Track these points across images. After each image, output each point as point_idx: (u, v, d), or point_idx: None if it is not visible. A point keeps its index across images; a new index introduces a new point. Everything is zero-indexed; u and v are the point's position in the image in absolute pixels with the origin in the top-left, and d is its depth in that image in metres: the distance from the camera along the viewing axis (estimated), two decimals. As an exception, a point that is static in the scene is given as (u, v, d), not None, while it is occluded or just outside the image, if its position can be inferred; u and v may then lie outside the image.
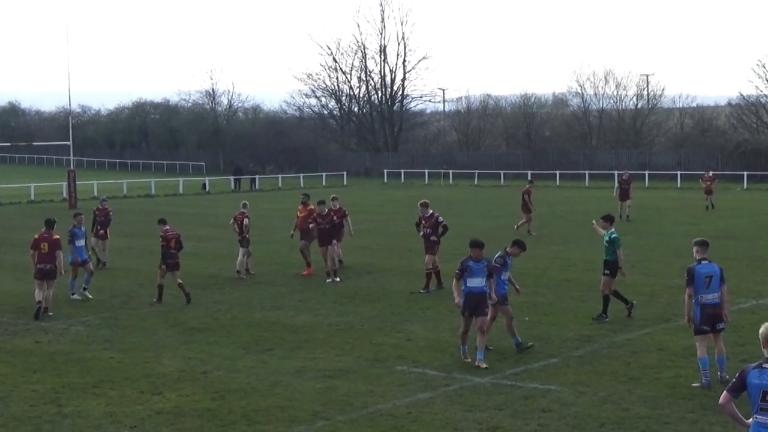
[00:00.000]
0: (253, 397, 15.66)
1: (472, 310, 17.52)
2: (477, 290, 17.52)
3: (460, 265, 17.67)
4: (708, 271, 16.02)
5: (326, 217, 28.42)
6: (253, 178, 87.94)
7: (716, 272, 16.06)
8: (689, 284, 16.05)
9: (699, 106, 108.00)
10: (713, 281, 15.99)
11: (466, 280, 17.54)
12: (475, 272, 17.51)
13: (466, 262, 17.61)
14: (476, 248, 17.61)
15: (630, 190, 47.65)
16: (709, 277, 15.99)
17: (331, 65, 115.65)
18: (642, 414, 14.42)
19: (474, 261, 17.57)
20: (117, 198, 71.12)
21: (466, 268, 17.54)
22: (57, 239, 23.49)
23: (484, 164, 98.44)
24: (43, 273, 23.20)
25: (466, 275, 17.55)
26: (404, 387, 16.23)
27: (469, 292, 17.52)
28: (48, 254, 23.21)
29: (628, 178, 48.49)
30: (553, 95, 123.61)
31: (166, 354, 18.95)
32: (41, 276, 23.21)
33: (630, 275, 28.22)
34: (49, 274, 23.22)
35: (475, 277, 17.51)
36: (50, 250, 23.21)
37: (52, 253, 23.20)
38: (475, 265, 17.55)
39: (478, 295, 17.53)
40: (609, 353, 18.44)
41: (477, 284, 17.51)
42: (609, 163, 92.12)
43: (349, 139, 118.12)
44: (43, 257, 23.25)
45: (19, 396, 16.01)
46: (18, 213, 58.54)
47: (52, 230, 23.63)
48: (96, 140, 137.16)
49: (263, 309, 23.75)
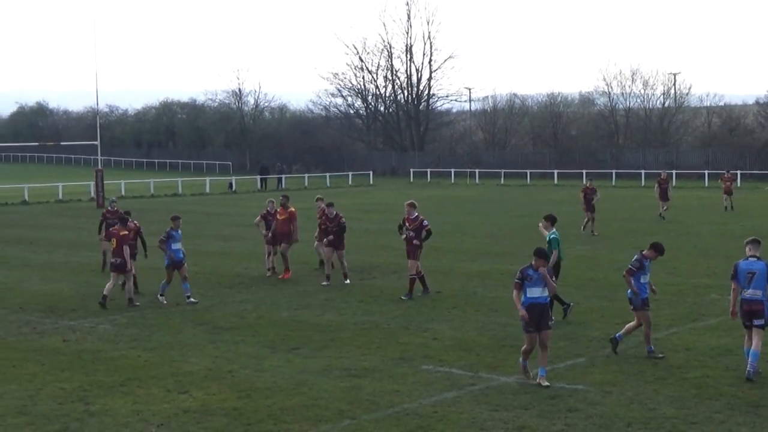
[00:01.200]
0: (279, 396, 15.70)
1: (536, 324, 16.16)
2: (539, 300, 16.21)
3: (520, 273, 16.32)
4: (751, 267, 16.34)
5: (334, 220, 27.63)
6: (280, 177, 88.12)
7: (760, 269, 16.26)
8: (732, 279, 16.57)
9: (726, 105, 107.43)
10: (756, 278, 16.23)
11: (526, 290, 16.20)
12: (535, 281, 16.17)
13: (526, 270, 16.28)
14: (540, 259, 16.22)
15: (669, 190, 47.13)
16: (752, 273, 16.27)
17: (358, 65, 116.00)
18: (669, 414, 14.36)
19: (534, 270, 16.21)
20: (144, 197, 71.50)
21: (526, 277, 16.19)
22: (125, 235, 24.81)
23: (511, 164, 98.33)
24: (114, 266, 24.72)
25: (527, 284, 16.20)
26: (430, 386, 16.22)
27: (529, 303, 16.17)
28: (117, 249, 24.57)
29: (666, 178, 47.92)
30: (580, 94, 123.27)
31: (192, 353, 19.02)
32: (113, 269, 24.77)
33: (656, 274, 28.10)
34: (120, 267, 24.54)
35: (536, 287, 16.17)
36: (119, 245, 24.54)
37: (121, 248, 24.48)
38: (535, 273, 16.19)
39: (540, 306, 16.23)
40: (635, 353, 18.36)
41: (538, 294, 16.21)
42: (636, 162, 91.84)
43: (375, 139, 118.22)
44: (113, 252, 24.77)
45: (48, 394, 16.11)
46: (46, 212, 58.90)
47: (124, 226, 25.14)
48: (123, 140, 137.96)
49: (289, 308, 23.79)
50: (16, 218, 53.56)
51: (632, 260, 18.14)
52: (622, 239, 37.91)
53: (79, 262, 33.24)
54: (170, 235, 24.88)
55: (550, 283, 16.18)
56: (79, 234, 44.00)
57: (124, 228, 25.10)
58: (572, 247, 35.29)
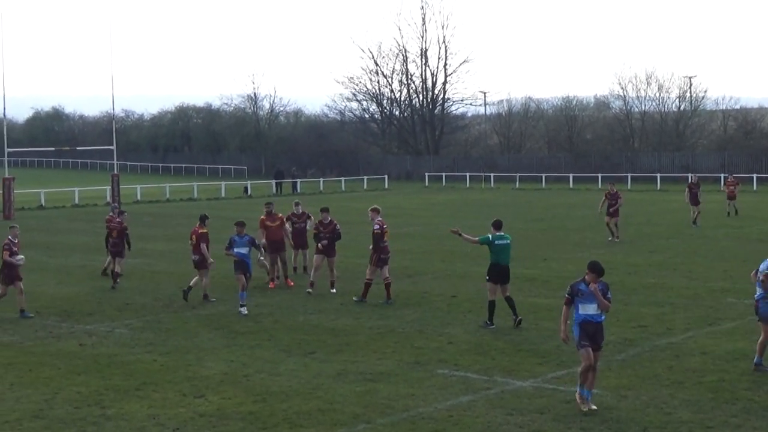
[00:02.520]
0: (294, 400, 15.72)
1: (592, 341, 14.98)
2: (594, 318, 15.00)
3: (570, 288, 15.16)
4: None
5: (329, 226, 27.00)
6: (295, 181, 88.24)
7: None
8: None
9: (743, 108, 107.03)
10: None
11: (579, 306, 15.04)
12: (588, 297, 15.00)
13: (577, 285, 15.14)
14: (592, 273, 15.01)
15: (699, 194, 45.16)
16: None
17: (373, 69, 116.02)
18: (685, 418, 14.32)
19: (586, 284, 15.04)
20: (160, 202, 71.70)
21: (578, 292, 15.04)
22: (203, 233, 25.95)
23: (526, 167, 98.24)
24: (194, 263, 26.12)
25: (578, 300, 15.03)
26: (445, 390, 16.22)
27: (584, 320, 15.00)
28: (196, 246, 25.83)
29: (697, 182, 46.10)
30: (595, 98, 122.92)
31: (208, 357, 19.05)
32: (194, 265, 26.16)
33: (673, 278, 28.11)
34: (199, 264, 25.82)
35: (590, 302, 14.98)
36: (197, 243, 25.77)
37: (199, 245, 25.68)
38: (587, 289, 15.01)
39: (595, 324, 15.01)
40: (651, 357, 18.33)
41: (592, 311, 15.00)
42: (651, 165, 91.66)
43: (390, 143, 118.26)
44: (193, 249, 26.11)
45: (64, 398, 16.17)
46: (62, 217, 59.09)
47: (203, 224, 26.25)
48: (139, 144, 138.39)
49: (305, 312, 23.82)
50: (33, 223, 53.71)
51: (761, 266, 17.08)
52: (638, 243, 37.82)
53: (95, 267, 33.31)
54: (233, 241, 24.48)
55: (602, 301, 14.92)
56: (96, 238, 44.04)
57: (203, 226, 26.07)
58: (588, 250, 35.26)
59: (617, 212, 39.03)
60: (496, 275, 21.53)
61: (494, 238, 21.69)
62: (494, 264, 21.61)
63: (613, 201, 38.97)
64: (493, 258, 21.66)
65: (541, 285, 27.42)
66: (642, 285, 26.95)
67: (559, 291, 26.02)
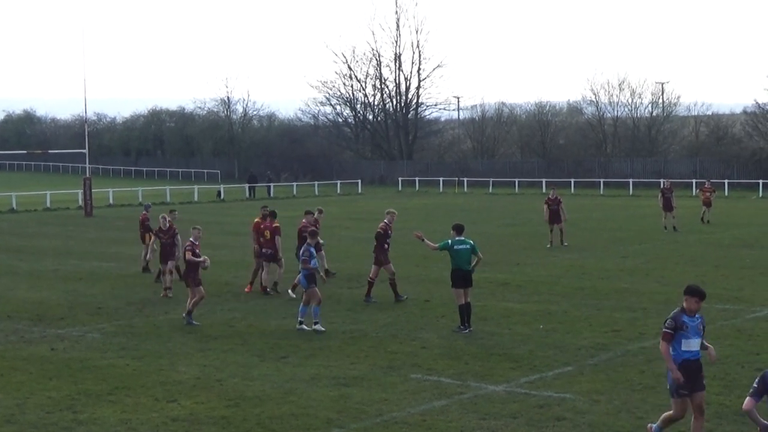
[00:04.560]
0: (267, 405, 15.69)
1: (690, 384, 12.70)
2: (696, 356, 12.77)
3: (672, 321, 12.74)
4: None
5: (168, 232, 27.19)
6: (269, 186, 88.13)
7: None
8: None
9: (714, 114, 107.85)
10: None
11: (681, 341, 12.69)
12: (691, 331, 12.70)
13: (680, 316, 12.76)
14: (694, 297, 12.79)
15: (672, 199, 44.76)
16: None
17: (346, 73, 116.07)
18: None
19: (689, 316, 12.78)
20: (133, 206, 71.37)
21: (681, 326, 12.69)
22: (277, 227, 27.14)
23: (499, 172, 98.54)
24: (266, 257, 26.98)
25: (681, 335, 12.69)
26: (418, 395, 16.23)
27: (684, 360, 12.69)
28: (269, 240, 26.83)
29: (670, 187, 45.65)
30: (568, 103, 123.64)
31: (181, 361, 19.00)
32: (265, 259, 27.03)
33: (645, 283, 28.25)
34: (272, 257, 26.86)
35: (692, 338, 12.73)
36: (272, 237, 26.83)
37: (273, 239, 26.74)
38: (691, 321, 12.74)
39: (696, 362, 12.78)
40: (623, 362, 18.41)
41: (696, 347, 12.78)
42: (624, 171, 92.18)
43: (364, 147, 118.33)
44: (265, 243, 26.98)
45: (35, 403, 16.07)
46: (34, 220, 58.77)
47: (274, 219, 27.28)
48: (111, 148, 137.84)
49: (278, 317, 23.78)
50: (4, 226, 53.43)
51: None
52: (610, 248, 37.99)
53: (67, 271, 33.19)
54: (311, 253, 22.31)
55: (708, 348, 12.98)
56: (67, 242, 43.93)
57: (275, 221, 27.08)
58: (561, 255, 35.39)
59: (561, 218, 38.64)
60: (458, 280, 21.52)
61: (453, 243, 21.60)
62: (455, 269, 21.57)
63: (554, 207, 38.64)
64: (453, 263, 21.59)
65: (515, 289, 27.50)
66: (614, 290, 27.07)
67: (532, 296, 26.17)
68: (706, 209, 49.29)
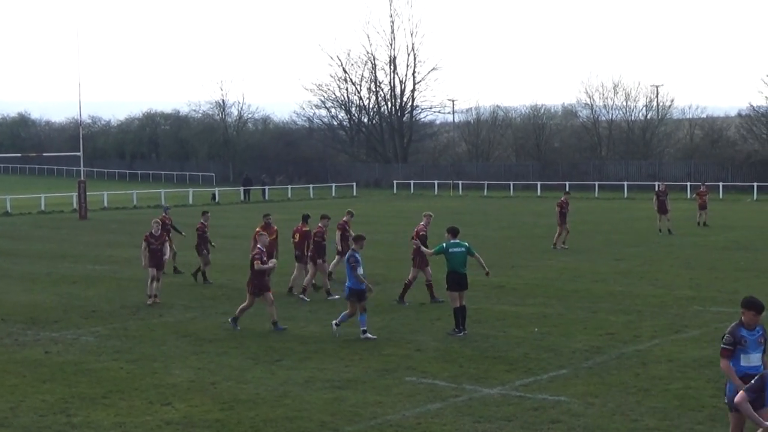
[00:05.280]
0: (262, 408, 15.67)
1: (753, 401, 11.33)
2: (758, 370, 11.80)
3: (731, 336, 12.01)
4: None
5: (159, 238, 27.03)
6: (263, 188, 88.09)
7: None
8: None
9: (709, 117, 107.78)
10: None
11: (741, 357, 12.03)
12: (750, 345, 12.04)
13: (738, 330, 12.05)
14: (751, 310, 12.03)
15: (667, 202, 44.83)
16: None
17: (341, 76, 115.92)
18: (651, 425, 14.39)
19: (748, 329, 12.09)
20: (127, 209, 71.33)
21: (740, 340, 12.01)
22: (307, 231, 27.60)
23: (494, 175, 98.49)
24: (295, 257, 27.62)
25: (740, 350, 12.03)
26: (413, 398, 16.22)
27: (745, 375, 11.85)
28: (299, 242, 27.43)
29: (665, 189, 45.68)
30: (563, 106, 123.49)
31: (175, 364, 18.97)
32: (296, 259, 27.63)
33: (639, 286, 28.26)
34: (300, 258, 27.40)
35: (753, 353, 12.06)
36: (300, 240, 27.40)
37: (303, 242, 27.33)
38: (750, 335, 12.06)
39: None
40: (618, 364, 18.40)
41: (757, 362, 12.06)
42: (618, 173, 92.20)
43: (359, 150, 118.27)
44: (295, 245, 27.62)
45: (29, 406, 16.04)
46: (28, 224, 58.70)
47: (305, 223, 27.89)
48: (106, 151, 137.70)
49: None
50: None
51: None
52: (604, 251, 38.00)
53: (61, 274, 33.14)
54: (357, 259, 21.31)
55: None
56: (62, 245, 43.88)
57: (305, 224, 27.69)
58: (555, 258, 35.40)
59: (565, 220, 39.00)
60: (453, 283, 21.53)
61: (449, 245, 21.67)
62: (451, 272, 21.61)
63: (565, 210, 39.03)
64: (449, 266, 21.64)
65: (510, 292, 27.49)
66: (609, 293, 27.08)
67: (527, 299, 26.17)
68: (701, 213, 49.06)
